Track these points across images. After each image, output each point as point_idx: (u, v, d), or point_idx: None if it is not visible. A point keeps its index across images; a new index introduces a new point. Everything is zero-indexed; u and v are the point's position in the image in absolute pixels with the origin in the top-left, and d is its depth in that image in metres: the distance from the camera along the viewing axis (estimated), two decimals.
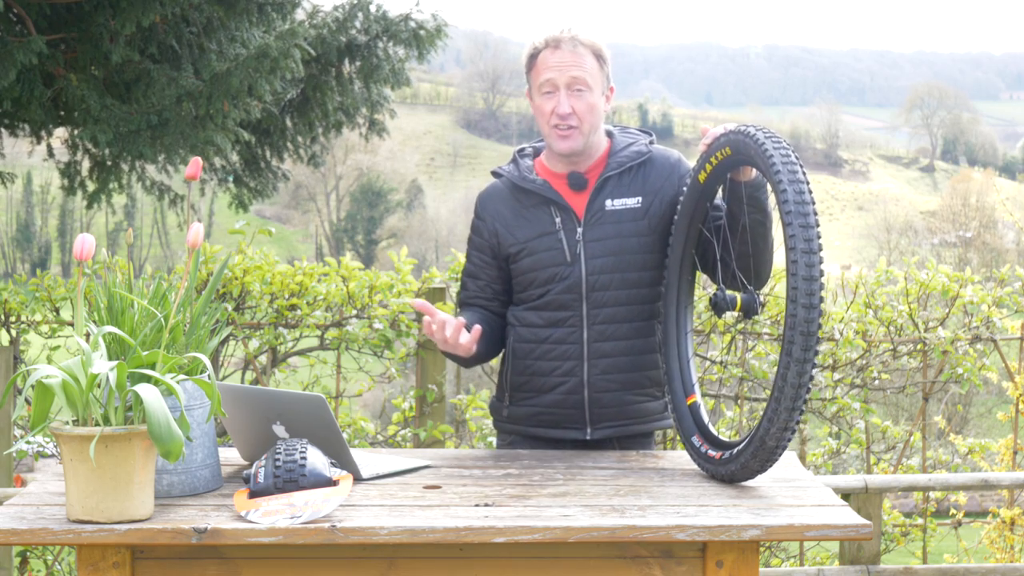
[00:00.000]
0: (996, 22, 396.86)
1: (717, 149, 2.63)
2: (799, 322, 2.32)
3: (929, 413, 4.92)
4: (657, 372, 2.89)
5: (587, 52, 2.83)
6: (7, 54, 5.36)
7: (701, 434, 2.64)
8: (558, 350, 2.86)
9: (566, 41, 2.83)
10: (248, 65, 5.78)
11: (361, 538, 2.14)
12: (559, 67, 2.81)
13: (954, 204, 37.55)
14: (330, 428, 2.45)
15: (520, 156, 2.99)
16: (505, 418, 2.98)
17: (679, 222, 2.78)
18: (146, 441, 2.10)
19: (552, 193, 2.87)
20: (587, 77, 2.81)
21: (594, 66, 2.84)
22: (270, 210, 46.83)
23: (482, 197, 3.00)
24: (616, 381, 2.85)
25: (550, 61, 2.83)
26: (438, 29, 7.14)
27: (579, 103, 2.82)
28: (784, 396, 2.34)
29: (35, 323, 4.59)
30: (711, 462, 2.56)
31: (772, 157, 2.43)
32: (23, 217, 43.12)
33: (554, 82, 2.82)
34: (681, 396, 2.73)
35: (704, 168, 2.68)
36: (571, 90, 2.81)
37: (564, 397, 2.86)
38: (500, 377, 3.01)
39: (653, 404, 2.92)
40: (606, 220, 2.85)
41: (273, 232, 4.80)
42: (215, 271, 2.74)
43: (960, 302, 4.73)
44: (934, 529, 4.88)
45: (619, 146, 2.92)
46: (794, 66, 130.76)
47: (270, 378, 4.67)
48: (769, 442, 2.38)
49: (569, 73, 2.81)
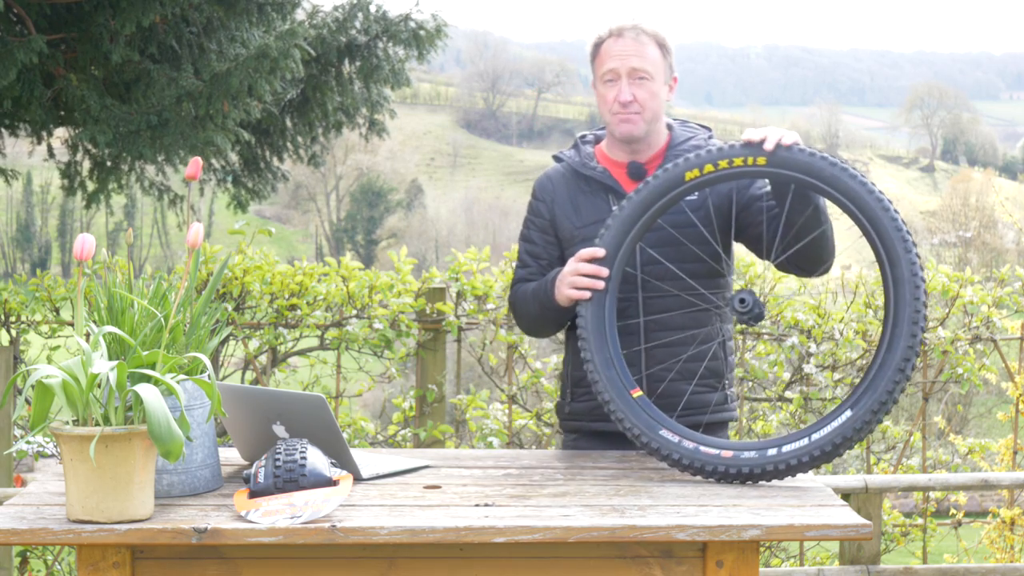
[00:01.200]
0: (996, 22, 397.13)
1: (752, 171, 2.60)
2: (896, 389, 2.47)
3: (929, 413, 4.92)
4: (716, 362, 2.88)
5: (650, 41, 2.85)
6: (7, 54, 5.36)
7: (669, 429, 2.55)
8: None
9: (629, 30, 2.85)
10: (248, 65, 5.78)
11: (361, 538, 2.14)
12: (621, 56, 2.84)
13: (954, 204, 37.53)
14: (330, 428, 2.44)
15: (582, 142, 3.01)
16: (567, 415, 2.98)
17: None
18: (146, 441, 2.10)
19: (611, 181, 2.89)
20: (649, 66, 2.84)
21: (657, 55, 2.86)
22: (270, 210, 46.81)
23: (540, 180, 3.01)
24: (672, 371, 2.85)
25: (613, 50, 2.86)
26: (438, 29, 7.14)
27: (640, 91, 2.84)
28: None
29: (35, 323, 4.59)
30: (698, 453, 2.51)
31: (901, 229, 2.48)
32: (23, 217, 43.11)
33: (616, 71, 2.84)
34: (623, 390, 2.61)
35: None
36: (633, 78, 2.84)
37: None
38: (563, 375, 3.01)
39: (714, 395, 2.90)
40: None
41: (273, 232, 4.80)
42: (215, 271, 2.74)
43: (960, 302, 4.73)
44: (934, 529, 4.88)
45: (679, 139, 2.94)
46: (794, 66, 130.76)
47: (270, 378, 4.67)
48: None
49: (630, 63, 2.83)
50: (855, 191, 2.51)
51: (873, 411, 2.46)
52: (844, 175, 2.52)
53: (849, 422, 2.46)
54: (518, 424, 4.78)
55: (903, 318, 2.46)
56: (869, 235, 2.51)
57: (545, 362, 4.83)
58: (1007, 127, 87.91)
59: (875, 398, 2.46)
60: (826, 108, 72.23)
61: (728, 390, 2.96)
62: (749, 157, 2.58)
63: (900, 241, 2.48)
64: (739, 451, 2.50)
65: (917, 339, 2.46)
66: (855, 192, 2.51)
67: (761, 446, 2.50)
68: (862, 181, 2.51)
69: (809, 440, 2.48)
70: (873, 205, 2.49)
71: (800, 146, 2.57)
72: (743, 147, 2.60)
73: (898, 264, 2.47)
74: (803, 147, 2.57)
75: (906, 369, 2.46)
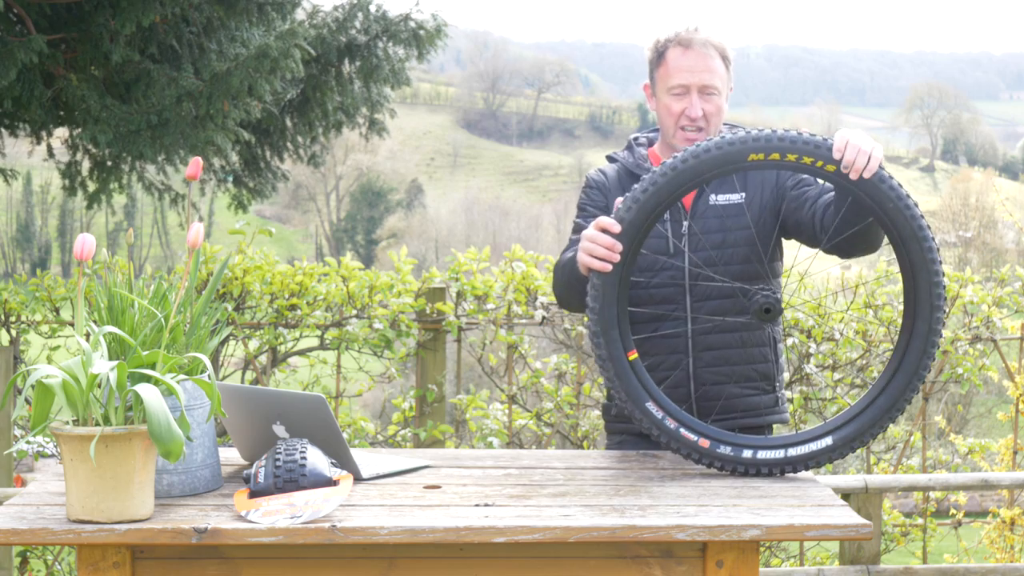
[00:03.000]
0: (996, 22, 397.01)
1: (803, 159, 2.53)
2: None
3: (929, 413, 4.92)
4: (765, 365, 2.88)
5: (716, 54, 2.85)
6: (7, 54, 5.36)
7: (657, 403, 2.56)
8: (663, 343, 2.84)
9: (698, 42, 2.84)
10: (248, 65, 5.78)
11: (361, 538, 2.14)
12: (692, 70, 2.83)
13: (954, 204, 37.55)
14: (330, 428, 2.44)
15: (636, 144, 3.01)
16: (614, 417, 2.96)
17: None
18: (146, 441, 2.10)
19: None
20: (718, 81, 2.84)
21: (722, 68, 2.86)
22: (270, 210, 46.84)
23: (592, 175, 3.01)
24: (722, 374, 2.84)
25: (682, 63, 2.84)
26: (438, 29, 7.15)
27: (709, 106, 2.84)
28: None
29: (35, 323, 4.59)
30: (678, 440, 2.54)
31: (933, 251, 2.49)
32: (23, 217, 43.13)
33: (687, 86, 2.84)
34: (620, 350, 2.57)
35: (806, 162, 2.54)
36: (702, 94, 2.83)
37: (671, 391, 2.82)
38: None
39: (762, 398, 2.89)
40: (710, 215, 2.85)
41: (273, 232, 4.80)
42: (215, 271, 2.74)
43: (960, 302, 4.73)
44: (934, 529, 4.88)
45: None
46: (794, 66, 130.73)
47: (270, 378, 4.67)
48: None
49: (702, 79, 2.83)
50: (907, 231, 2.48)
51: (851, 445, 2.57)
52: (904, 210, 2.48)
53: (826, 450, 2.56)
54: (518, 424, 4.78)
55: (909, 370, 2.53)
56: (906, 281, 2.53)
57: (545, 362, 4.83)
58: (1007, 127, 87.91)
59: (855, 433, 2.55)
60: (826, 108, 72.31)
61: (779, 392, 2.93)
62: (819, 161, 2.50)
63: (934, 307, 2.51)
64: (716, 443, 2.55)
65: (913, 390, 2.53)
66: (905, 232, 2.48)
67: (739, 444, 2.55)
68: (918, 222, 2.48)
69: (785, 454, 2.55)
70: (918, 260, 2.49)
71: (881, 172, 2.49)
72: (816, 147, 2.50)
73: (914, 334, 2.52)
74: (883, 173, 2.49)
75: (893, 415, 2.55)
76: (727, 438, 2.56)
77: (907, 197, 2.50)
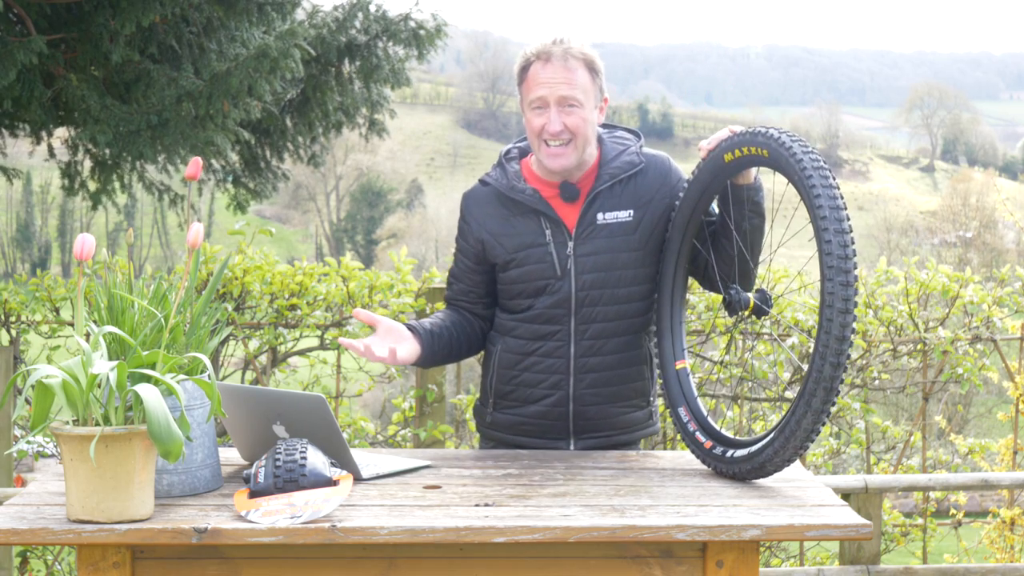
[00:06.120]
0: (996, 22, 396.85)
1: (755, 145, 2.51)
2: (824, 378, 2.31)
3: (929, 413, 4.92)
4: (642, 383, 2.88)
5: (579, 65, 2.75)
6: (7, 54, 5.35)
7: (689, 409, 2.67)
8: (545, 363, 2.82)
9: (557, 55, 2.74)
10: (248, 65, 5.78)
11: (361, 538, 2.14)
12: (549, 83, 2.74)
13: (954, 204, 37.53)
14: (330, 428, 2.45)
15: (506, 160, 2.91)
16: (488, 424, 2.96)
17: (691, 186, 2.72)
18: (146, 441, 2.10)
19: (542, 204, 2.81)
20: (578, 93, 2.74)
21: (586, 79, 2.76)
22: (270, 210, 46.83)
23: (468, 199, 2.92)
24: (601, 395, 2.83)
25: (541, 76, 2.76)
26: (438, 29, 7.15)
27: (570, 119, 2.75)
28: (794, 437, 2.37)
29: (35, 323, 4.59)
30: (701, 448, 2.60)
31: (820, 196, 2.32)
32: (23, 217, 43.11)
33: (545, 99, 2.75)
34: (670, 360, 2.76)
35: (734, 152, 2.57)
36: (562, 107, 2.74)
37: (549, 409, 2.84)
38: (483, 383, 2.96)
39: (637, 414, 2.90)
40: (597, 235, 2.79)
41: (273, 232, 4.80)
42: (215, 271, 2.74)
43: (960, 302, 4.73)
44: (934, 529, 4.88)
45: (610, 155, 2.84)
46: (794, 66, 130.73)
47: (270, 378, 4.67)
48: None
49: (559, 92, 2.74)
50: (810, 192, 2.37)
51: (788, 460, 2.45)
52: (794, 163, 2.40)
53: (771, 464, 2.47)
54: None
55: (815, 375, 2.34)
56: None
57: None
58: (1007, 127, 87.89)
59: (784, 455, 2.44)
60: (826, 108, 72.23)
61: (652, 406, 2.95)
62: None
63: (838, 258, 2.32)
64: (723, 447, 2.59)
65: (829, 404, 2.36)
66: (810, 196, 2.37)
67: (728, 445, 2.57)
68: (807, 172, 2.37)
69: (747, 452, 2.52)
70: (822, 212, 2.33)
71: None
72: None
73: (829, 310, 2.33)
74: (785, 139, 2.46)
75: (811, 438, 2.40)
76: (731, 440, 2.58)
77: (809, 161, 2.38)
